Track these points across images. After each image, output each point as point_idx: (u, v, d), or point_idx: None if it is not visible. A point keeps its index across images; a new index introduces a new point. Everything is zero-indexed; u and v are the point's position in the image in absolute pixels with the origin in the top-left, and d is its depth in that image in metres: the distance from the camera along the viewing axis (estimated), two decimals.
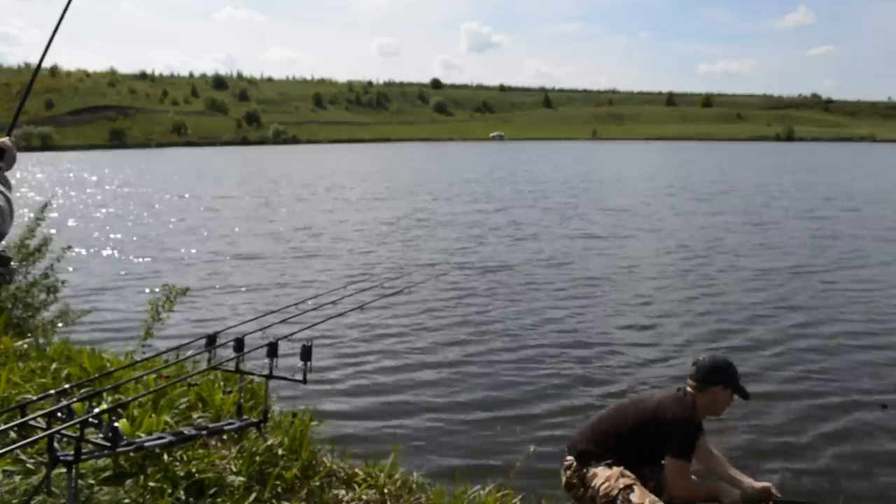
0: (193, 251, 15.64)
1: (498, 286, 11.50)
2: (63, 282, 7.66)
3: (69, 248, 8.14)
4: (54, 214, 21.52)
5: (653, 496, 3.10)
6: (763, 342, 8.28)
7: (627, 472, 3.12)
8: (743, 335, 8.64)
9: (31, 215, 7.53)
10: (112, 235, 18.33)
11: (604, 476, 3.09)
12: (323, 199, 27.19)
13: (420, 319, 9.08)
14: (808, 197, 26.79)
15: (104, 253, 15.47)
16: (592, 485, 3.11)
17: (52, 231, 17.68)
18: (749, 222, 19.29)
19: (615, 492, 3.06)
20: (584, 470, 3.17)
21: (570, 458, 3.25)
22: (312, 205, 25.17)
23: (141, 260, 14.57)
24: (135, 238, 17.77)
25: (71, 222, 21.11)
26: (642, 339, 8.53)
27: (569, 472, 3.22)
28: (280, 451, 3.94)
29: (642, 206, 23.78)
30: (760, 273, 12.42)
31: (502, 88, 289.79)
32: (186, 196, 29.55)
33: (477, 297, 10.62)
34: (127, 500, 3.33)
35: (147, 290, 11.26)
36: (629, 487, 3.04)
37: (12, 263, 2.13)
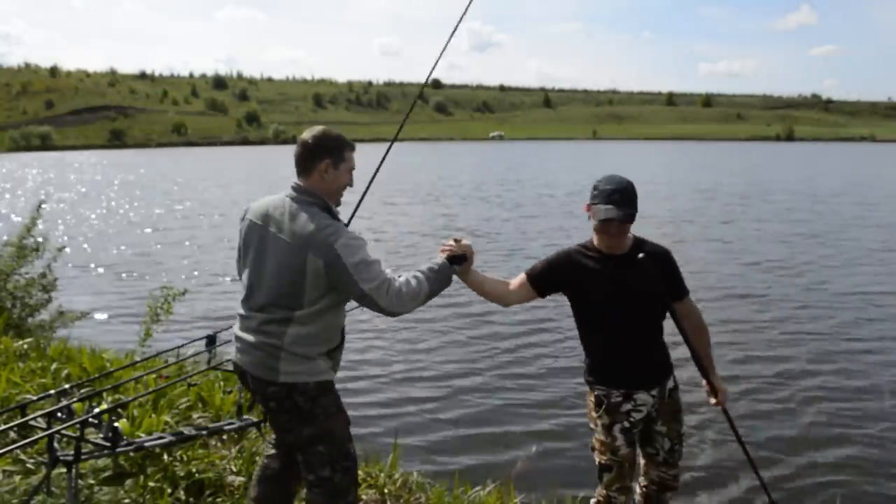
0: (195, 252, 15.64)
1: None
2: (56, 279, 7.65)
3: (63, 248, 8.19)
4: (65, 215, 21.52)
5: (622, 485, 2.89)
6: (871, 380, 7.06)
7: (620, 449, 2.87)
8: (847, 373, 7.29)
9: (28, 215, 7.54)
10: (115, 236, 18.34)
11: (595, 436, 2.93)
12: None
13: (422, 320, 9.04)
14: (853, 202, 24.77)
15: (106, 254, 15.47)
16: (592, 433, 2.97)
17: (59, 231, 17.60)
18: (807, 233, 17.38)
19: (600, 460, 2.91)
20: (588, 399, 3.03)
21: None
22: None
23: (143, 261, 14.57)
24: (139, 239, 17.78)
25: (71, 222, 21.10)
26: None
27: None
28: None
29: (686, 213, 21.83)
30: (852, 298, 10.51)
31: (502, 88, 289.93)
32: (189, 196, 29.56)
33: (481, 301, 10.58)
34: (127, 500, 3.33)
35: (148, 291, 11.25)
36: (610, 468, 2.87)
37: None
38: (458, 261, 2.64)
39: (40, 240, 7.45)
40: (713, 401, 3.00)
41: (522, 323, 9.17)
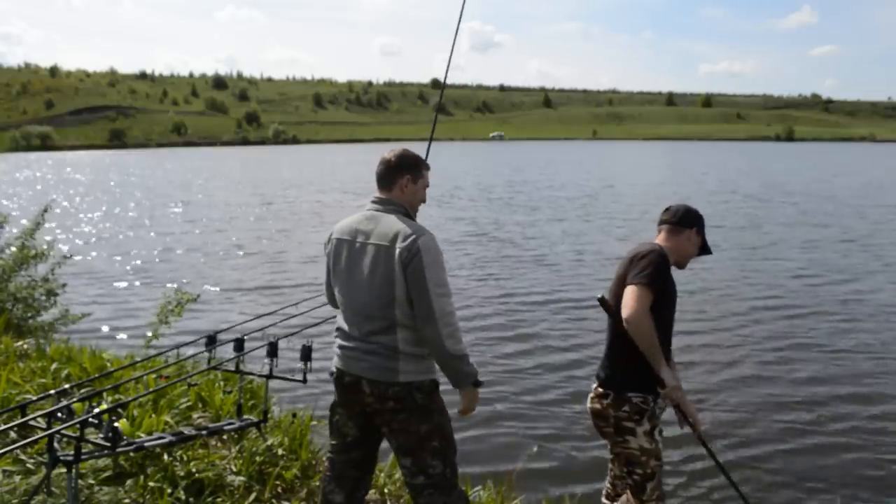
0: (195, 252, 15.64)
1: (510, 289, 11.45)
2: (63, 284, 7.69)
3: (69, 256, 8.24)
4: (61, 216, 21.50)
5: (660, 491, 2.95)
6: None
7: (661, 453, 2.92)
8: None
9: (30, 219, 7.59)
10: (115, 238, 18.34)
11: (639, 445, 2.88)
12: (338, 204, 25.96)
13: None
14: (873, 205, 23.94)
15: (107, 253, 15.47)
16: (628, 444, 2.91)
17: (58, 232, 17.59)
18: (842, 238, 16.50)
19: (646, 470, 2.89)
20: (623, 409, 2.90)
21: (599, 388, 3.01)
22: (326, 207, 24.67)
23: (143, 260, 14.56)
24: (138, 239, 17.77)
25: (71, 223, 21.10)
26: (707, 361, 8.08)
27: (605, 402, 2.96)
28: (280, 451, 3.94)
29: (709, 217, 19.84)
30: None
31: (502, 88, 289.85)
32: (189, 197, 29.55)
33: (484, 302, 10.58)
34: (127, 500, 3.33)
35: (149, 290, 11.26)
36: (654, 475, 2.89)
37: None
38: (480, 385, 2.73)
39: (44, 246, 7.49)
40: (688, 429, 3.07)
41: (522, 324, 9.17)
